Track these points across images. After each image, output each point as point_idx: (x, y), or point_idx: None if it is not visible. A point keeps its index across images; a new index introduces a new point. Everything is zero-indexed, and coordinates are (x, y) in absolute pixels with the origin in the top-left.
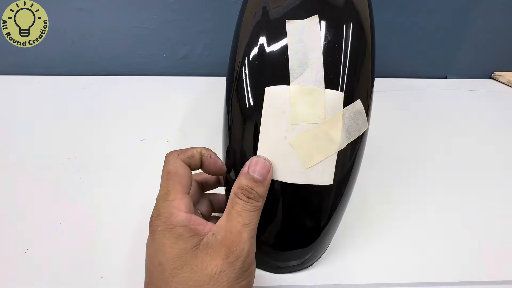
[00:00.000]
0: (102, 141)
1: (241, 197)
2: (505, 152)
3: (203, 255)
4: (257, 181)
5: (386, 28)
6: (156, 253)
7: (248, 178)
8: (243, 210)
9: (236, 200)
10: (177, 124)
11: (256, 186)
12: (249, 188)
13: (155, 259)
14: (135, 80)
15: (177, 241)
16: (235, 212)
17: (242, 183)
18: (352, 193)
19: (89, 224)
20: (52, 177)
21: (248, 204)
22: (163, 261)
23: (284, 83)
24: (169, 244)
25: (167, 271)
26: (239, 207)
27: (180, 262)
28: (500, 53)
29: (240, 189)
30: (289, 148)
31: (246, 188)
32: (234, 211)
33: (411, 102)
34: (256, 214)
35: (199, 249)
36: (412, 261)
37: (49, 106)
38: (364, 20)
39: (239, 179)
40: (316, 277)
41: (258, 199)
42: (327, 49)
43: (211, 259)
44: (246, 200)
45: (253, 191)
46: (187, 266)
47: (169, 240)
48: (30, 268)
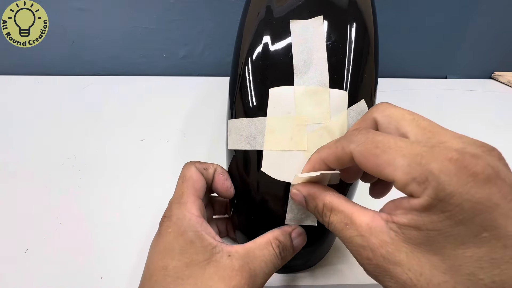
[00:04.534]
0: (102, 141)
1: (275, 248)
2: (505, 152)
3: (212, 273)
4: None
5: (386, 28)
6: (162, 256)
7: (288, 238)
8: (270, 262)
9: (268, 248)
10: (177, 124)
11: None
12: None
13: (160, 261)
14: (135, 80)
15: (188, 249)
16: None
17: (281, 238)
18: (355, 193)
19: (89, 224)
20: (52, 177)
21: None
22: (169, 266)
23: (288, 83)
24: (179, 250)
25: (171, 277)
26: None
27: (187, 273)
28: (500, 53)
29: (279, 241)
30: (295, 149)
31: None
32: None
33: (411, 102)
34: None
35: (209, 265)
36: None
37: (49, 106)
38: (368, 20)
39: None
40: (316, 277)
41: (284, 261)
42: (331, 49)
43: (218, 281)
44: (278, 255)
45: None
46: (192, 278)
47: (179, 244)
48: (30, 268)
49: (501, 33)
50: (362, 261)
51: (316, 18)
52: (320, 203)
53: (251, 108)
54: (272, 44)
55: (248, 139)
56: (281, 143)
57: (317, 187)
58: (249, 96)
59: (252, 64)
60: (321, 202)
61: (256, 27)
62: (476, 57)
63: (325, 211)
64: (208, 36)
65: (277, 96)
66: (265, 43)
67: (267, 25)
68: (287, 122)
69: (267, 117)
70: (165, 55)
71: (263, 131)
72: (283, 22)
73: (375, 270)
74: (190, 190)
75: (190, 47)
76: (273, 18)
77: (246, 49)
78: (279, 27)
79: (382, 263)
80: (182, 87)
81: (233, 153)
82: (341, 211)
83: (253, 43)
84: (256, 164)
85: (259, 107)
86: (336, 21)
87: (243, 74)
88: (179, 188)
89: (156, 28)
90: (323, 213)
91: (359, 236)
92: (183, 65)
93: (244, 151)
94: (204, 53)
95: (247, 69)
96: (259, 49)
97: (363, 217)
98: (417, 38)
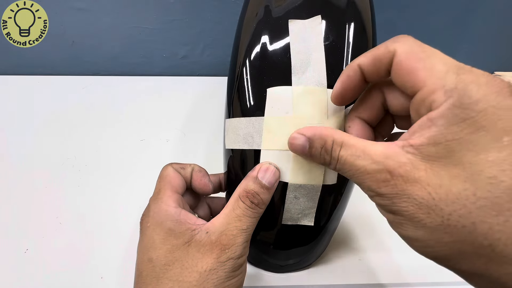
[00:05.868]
0: (102, 141)
1: (245, 200)
2: None
3: (194, 252)
4: (264, 188)
5: (386, 28)
6: (146, 250)
7: (256, 182)
8: (243, 215)
9: (239, 204)
10: (177, 124)
11: (262, 193)
12: (255, 193)
13: (144, 255)
14: (135, 80)
15: (167, 237)
16: (235, 216)
17: (249, 186)
18: (352, 192)
19: (89, 224)
20: (52, 177)
21: (249, 210)
22: (153, 257)
23: (286, 83)
24: (160, 240)
25: (158, 267)
26: (240, 211)
27: (171, 258)
28: (500, 53)
29: (246, 192)
30: None
31: (252, 192)
32: (234, 214)
33: None
34: (255, 221)
35: (190, 246)
36: (412, 261)
37: (49, 106)
38: (366, 20)
39: (246, 182)
40: (316, 277)
41: (261, 206)
42: (329, 49)
43: (202, 257)
44: (249, 205)
45: (259, 196)
46: (178, 262)
47: (159, 235)
48: (30, 268)
49: (501, 33)
50: (378, 185)
51: (314, 18)
52: (329, 139)
53: (249, 108)
54: (270, 44)
55: (245, 138)
56: (278, 142)
57: (322, 127)
58: (247, 95)
59: (250, 64)
60: (330, 138)
61: (254, 26)
62: (476, 57)
63: (334, 146)
64: (208, 36)
65: (275, 96)
66: (263, 42)
67: (266, 25)
68: (284, 122)
69: (265, 117)
70: (165, 55)
71: (260, 131)
72: (281, 22)
73: (392, 191)
74: (166, 186)
75: (190, 47)
76: (271, 18)
77: (244, 49)
78: (277, 27)
79: (400, 182)
80: (182, 87)
81: (230, 152)
82: (352, 145)
83: (252, 43)
84: (253, 164)
85: (257, 106)
86: (334, 21)
87: (241, 74)
88: (156, 187)
89: (156, 28)
90: (332, 148)
91: (373, 163)
92: (183, 65)
93: (241, 150)
94: (204, 53)
95: (245, 68)
96: (257, 49)
97: (377, 147)
98: (417, 38)
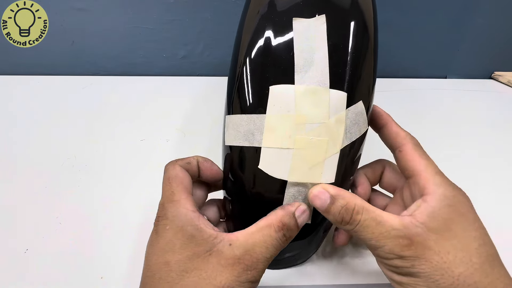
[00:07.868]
0: (102, 141)
1: (278, 231)
2: (505, 152)
3: (215, 263)
4: (296, 227)
5: (386, 28)
6: (164, 252)
7: (293, 218)
8: (271, 245)
9: (270, 232)
10: (177, 124)
11: (293, 231)
12: (290, 228)
13: (160, 258)
14: (135, 80)
15: (189, 243)
16: (262, 241)
17: (285, 220)
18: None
19: (89, 224)
20: (52, 177)
21: (278, 241)
22: (171, 261)
23: (288, 81)
24: (180, 245)
25: (175, 272)
26: (270, 240)
27: (190, 265)
28: (500, 53)
29: (282, 224)
30: (293, 147)
31: (288, 226)
32: (262, 239)
33: (411, 102)
34: (277, 253)
35: (211, 256)
36: None
37: (49, 106)
38: (368, 20)
39: (283, 214)
40: (315, 277)
41: (288, 241)
42: (332, 49)
43: (223, 270)
44: (281, 237)
45: (291, 232)
46: (196, 271)
47: (180, 240)
48: (30, 268)
49: (501, 33)
50: (401, 248)
51: (318, 17)
52: (351, 202)
53: (250, 105)
54: (274, 41)
55: (246, 135)
56: (279, 141)
57: (344, 190)
58: (249, 92)
59: (253, 60)
60: (353, 201)
61: (257, 23)
62: (476, 57)
63: (356, 209)
64: (208, 36)
65: (277, 94)
66: (266, 39)
67: (269, 22)
68: (286, 121)
69: (266, 115)
70: (165, 55)
71: (261, 128)
72: (285, 19)
73: (413, 254)
74: (179, 187)
75: (190, 47)
76: (275, 15)
77: (246, 45)
78: (280, 25)
79: (419, 247)
80: (182, 87)
81: (228, 149)
82: (373, 211)
83: (254, 39)
84: (252, 161)
85: (259, 104)
86: (338, 22)
87: (243, 70)
88: (167, 189)
89: (156, 28)
90: (354, 211)
91: (394, 230)
92: (183, 65)
93: (240, 147)
94: (204, 53)
95: (247, 65)
96: (260, 46)
97: (392, 217)
98: (417, 38)
